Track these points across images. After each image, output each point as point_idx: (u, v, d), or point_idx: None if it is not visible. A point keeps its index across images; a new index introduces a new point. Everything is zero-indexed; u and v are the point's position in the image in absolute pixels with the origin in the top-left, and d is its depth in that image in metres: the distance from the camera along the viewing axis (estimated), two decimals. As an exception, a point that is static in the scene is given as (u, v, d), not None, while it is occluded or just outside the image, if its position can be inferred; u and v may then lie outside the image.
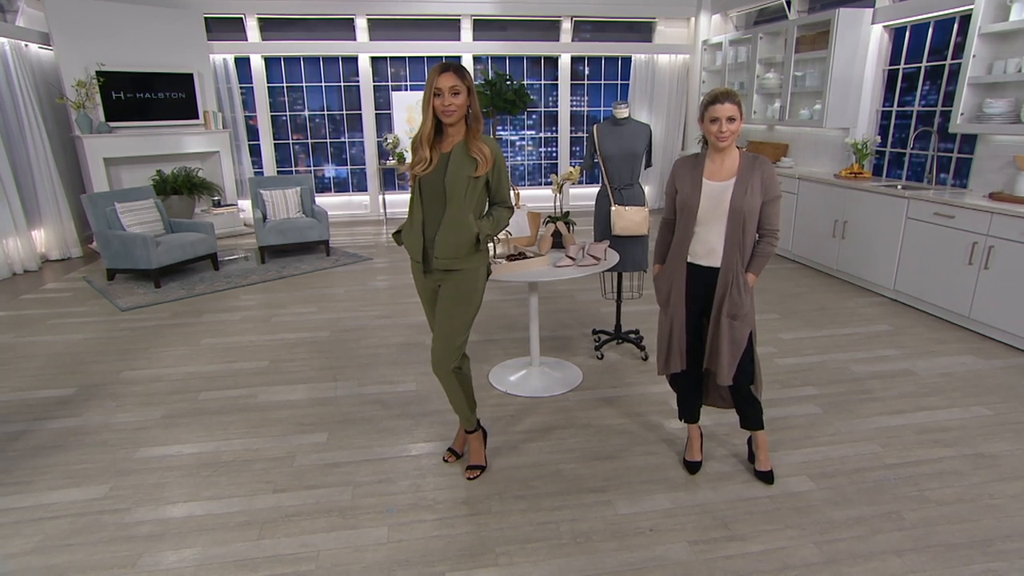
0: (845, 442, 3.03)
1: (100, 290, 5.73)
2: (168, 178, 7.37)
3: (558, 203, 3.77)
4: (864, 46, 5.84)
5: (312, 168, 8.94)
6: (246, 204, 8.27)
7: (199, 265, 6.41)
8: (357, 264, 6.56)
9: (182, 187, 7.36)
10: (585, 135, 9.20)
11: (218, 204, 7.29)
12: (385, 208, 8.81)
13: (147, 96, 7.39)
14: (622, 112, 3.75)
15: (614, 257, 3.50)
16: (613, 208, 3.73)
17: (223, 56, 8.11)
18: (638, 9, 8.72)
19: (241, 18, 8.07)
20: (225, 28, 8.10)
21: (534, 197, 8.81)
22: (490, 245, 3.05)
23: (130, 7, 7.13)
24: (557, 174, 3.80)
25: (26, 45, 6.55)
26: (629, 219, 3.73)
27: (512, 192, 2.79)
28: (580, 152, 9.34)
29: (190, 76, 7.61)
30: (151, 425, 3.32)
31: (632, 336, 4.12)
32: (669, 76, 9.10)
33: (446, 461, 2.91)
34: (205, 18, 7.71)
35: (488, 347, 4.23)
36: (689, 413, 2.80)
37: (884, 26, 5.74)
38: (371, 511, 2.57)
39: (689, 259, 2.56)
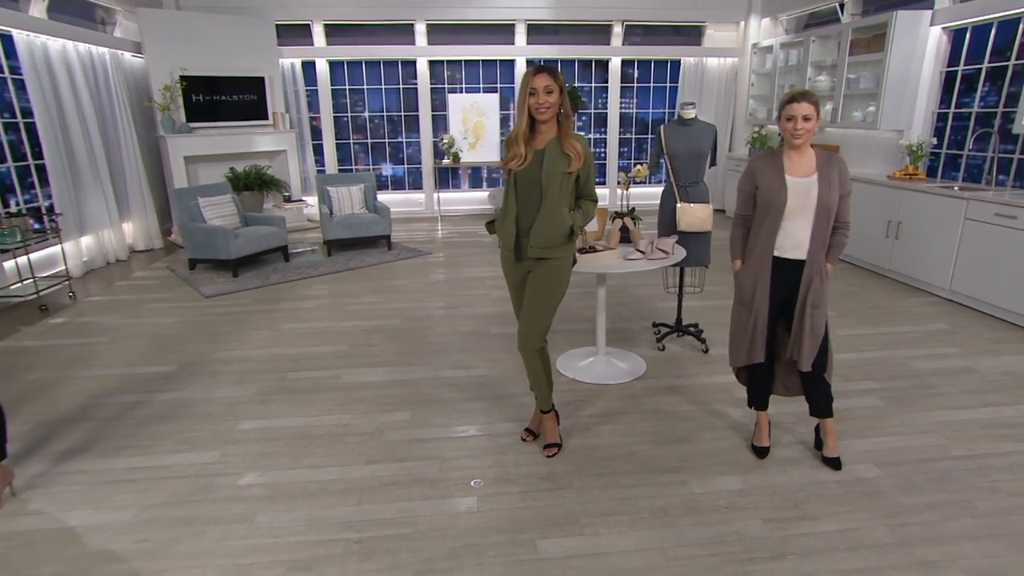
0: (909, 433, 3.05)
1: (184, 278, 6.03)
2: (241, 175, 7.67)
3: (625, 199, 3.84)
4: (921, 48, 5.75)
5: (371, 167, 9.18)
6: (310, 200, 8.54)
7: (271, 257, 6.66)
8: (417, 258, 6.74)
9: (253, 184, 7.65)
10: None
11: (288, 200, 7.57)
12: (439, 206, 8.99)
13: (223, 98, 7.71)
14: (689, 113, 3.81)
15: (681, 252, 3.57)
16: (679, 205, 3.80)
17: (291, 60, 8.39)
18: (688, 13, 8.70)
19: (308, 24, 8.34)
20: (294, 34, 8.38)
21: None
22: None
23: (211, 16, 7.46)
24: (620, 172, 3.87)
25: (121, 54, 6.91)
26: (694, 215, 3.79)
27: None
28: (628, 153, 9.38)
29: (261, 79, 7.90)
30: (247, 400, 3.52)
31: (692, 329, 4.18)
32: (718, 79, 9.05)
33: (524, 440, 3.02)
34: (276, 25, 7.99)
35: (553, 337, 4.29)
36: (760, 401, 2.86)
37: (943, 28, 5.64)
38: (459, 483, 2.71)
39: (777, 253, 2.62)
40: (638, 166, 3.80)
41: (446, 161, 8.67)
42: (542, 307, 2.70)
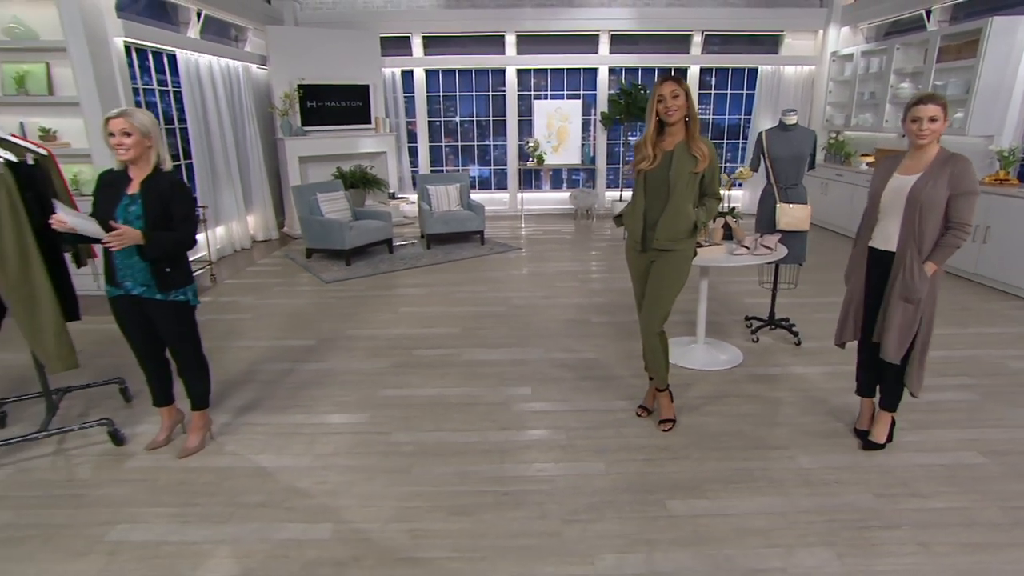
0: (1013, 427, 3.05)
1: (303, 265, 6.47)
2: (347, 174, 8.11)
3: (726, 200, 3.95)
4: (1018, 53, 5.56)
5: (460, 168, 9.51)
6: (411, 197, 8.92)
7: (377, 248, 7.03)
8: (509, 253, 6.99)
9: (358, 182, 8.08)
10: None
11: (393, 197, 7.96)
12: (522, 205, 9.23)
13: (332, 104, 8.17)
14: (791, 119, 3.88)
15: (783, 249, 3.66)
16: (778, 205, 3.88)
17: (392, 70, 8.80)
18: (768, 23, 8.62)
19: (408, 37, 8.72)
20: (395, 46, 8.78)
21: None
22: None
23: (325, 31, 7.93)
24: (723, 175, 3.97)
25: (248, 66, 7.45)
26: (792, 215, 3.86)
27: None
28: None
29: (366, 87, 8.32)
30: (383, 372, 3.83)
31: (784, 323, 4.24)
32: (794, 86, 8.92)
33: (638, 415, 3.20)
34: (380, 38, 8.40)
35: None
36: (862, 388, 2.94)
37: (1041, 34, 5.45)
38: (586, 449, 2.91)
39: (871, 243, 2.71)
40: (740, 168, 3.90)
41: (531, 163, 8.90)
42: (665, 294, 2.86)
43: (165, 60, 6.10)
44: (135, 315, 2.68)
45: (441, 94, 9.15)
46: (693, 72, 8.94)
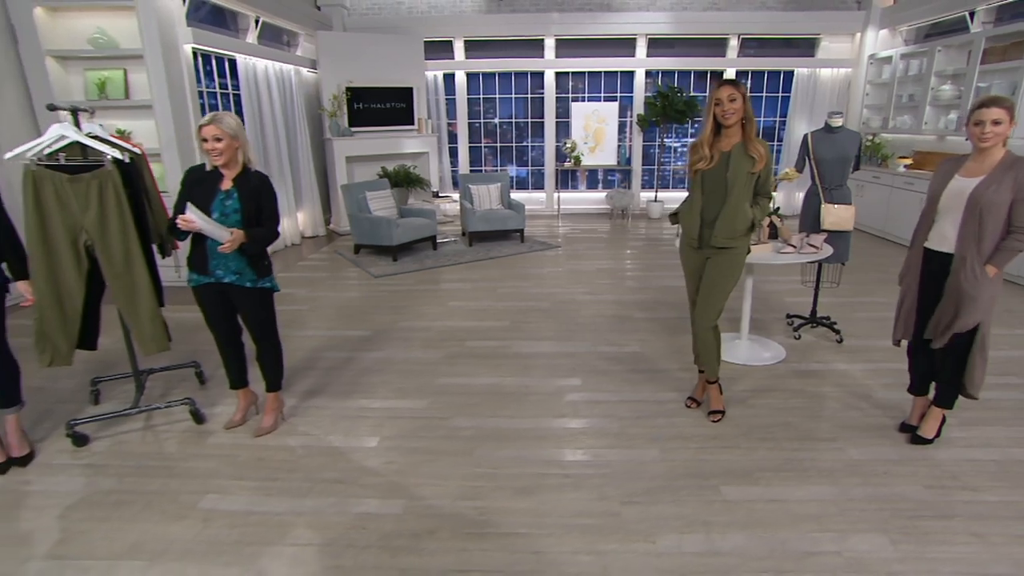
0: (1062, 425, 3.04)
1: (352, 261, 6.65)
2: (390, 173, 8.28)
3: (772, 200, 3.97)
4: (1064, 57, 5.45)
5: (498, 168, 9.62)
6: (454, 196, 9.07)
7: (422, 245, 7.17)
8: (548, 251, 7.07)
9: (402, 181, 8.25)
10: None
11: (437, 195, 8.11)
12: (559, 204, 9.30)
13: (378, 106, 8.35)
14: (836, 121, 3.89)
15: (828, 249, 3.68)
16: (823, 205, 3.89)
17: (434, 73, 8.95)
18: (805, 26, 8.54)
19: (451, 41, 8.86)
20: (438, 49, 8.93)
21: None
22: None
23: (371, 36, 8.12)
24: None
25: (299, 69, 7.67)
26: (837, 215, 3.87)
27: None
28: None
29: (410, 90, 8.47)
30: (438, 362, 3.95)
31: (825, 321, 4.25)
32: (830, 89, 8.83)
33: (688, 407, 3.26)
34: (424, 42, 8.56)
35: (690, 323, 4.52)
36: (916, 385, 2.95)
37: (1090, 37, 5.33)
38: (640, 437, 2.98)
39: (926, 244, 2.73)
40: (786, 169, 3.93)
41: (568, 164, 8.98)
42: (719, 290, 2.92)
43: (226, 64, 6.33)
44: (219, 303, 2.84)
45: (481, 96, 9.27)
46: (729, 75, 8.89)
